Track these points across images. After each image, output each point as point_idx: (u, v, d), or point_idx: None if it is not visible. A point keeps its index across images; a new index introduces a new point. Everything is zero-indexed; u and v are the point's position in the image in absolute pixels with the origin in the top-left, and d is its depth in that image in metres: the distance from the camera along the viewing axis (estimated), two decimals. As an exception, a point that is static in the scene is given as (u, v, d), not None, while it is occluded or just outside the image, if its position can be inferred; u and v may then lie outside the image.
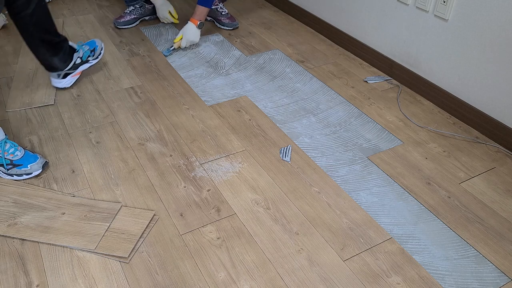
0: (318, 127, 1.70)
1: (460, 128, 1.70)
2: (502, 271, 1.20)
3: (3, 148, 1.41)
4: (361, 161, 1.54)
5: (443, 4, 1.67)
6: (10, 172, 1.42)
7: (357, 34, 2.14)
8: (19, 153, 1.43)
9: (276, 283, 1.15)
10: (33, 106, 1.76)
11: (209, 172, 1.48)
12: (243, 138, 1.63)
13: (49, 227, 1.27)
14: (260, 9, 2.62)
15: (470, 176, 1.49)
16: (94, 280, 1.15)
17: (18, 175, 1.42)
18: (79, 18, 2.45)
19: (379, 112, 1.78)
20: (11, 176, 1.42)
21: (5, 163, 1.41)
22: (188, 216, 1.33)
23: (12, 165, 1.41)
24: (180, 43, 2.12)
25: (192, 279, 1.16)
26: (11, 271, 1.17)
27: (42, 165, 1.44)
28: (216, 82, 1.96)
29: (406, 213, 1.35)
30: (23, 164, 1.42)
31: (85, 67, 1.88)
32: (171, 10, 2.35)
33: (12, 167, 1.41)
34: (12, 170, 1.42)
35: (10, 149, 1.42)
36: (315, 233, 1.29)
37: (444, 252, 1.24)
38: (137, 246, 1.23)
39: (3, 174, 1.43)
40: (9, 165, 1.41)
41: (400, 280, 1.17)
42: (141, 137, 1.62)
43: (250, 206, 1.37)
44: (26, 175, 1.43)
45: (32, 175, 1.43)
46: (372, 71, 2.05)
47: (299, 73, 2.03)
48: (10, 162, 1.41)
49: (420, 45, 1.83)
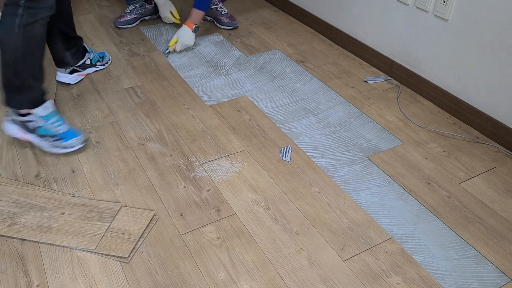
0: (318, 127, 1.70)
1: (460, 128, 1.70)
2: (502, 271, 1.20)
3: (52, 120, 1.48)
4: (361, 161, 1.55)
5: (443, 4, 1.67)
6: (54, 144, 1.48)
7: (357, 34, 2.14)
8: (64, 127, 1.50)
9: (276, 283, 1.15)
10: (33, 106, 1.76)
11: (209, 172, 1.48)
12: (243, 138, 1.63)
13: (49, 227, 1.27)
14: (260, 9, 2.63)
15: (470, 176, 1.49)
16: (94, 280, 1.15)
17: (61, 147, 1.49)
18: (79, 18, 2.44)
19: (379, 112, 1.78)
20: (54, 148, 1.49)
21: (50, 134, 1.48)
22: (188, 216, 1.33)
23: (57, 138, 1.48)
24: (175, 46, 2.12)
25: (192, 279, 1.16)
26: (11, 271, 1.17)
27: (83, 141, 1.53)
28: (216, 82, 1.96)
29: (406, 213, 1.35)
30: (66, 138, 1.49)
31: (92, 70, 1.95)
32: (172, 10, 2.33)
33: (57, 140, 1.48)
34: (56, 142, 1.48)
35: (57, 121, 1.49)
36: (315, 233, 1.29)
37: (444, 252, 1.24)
38: (137, 246, 1.23)
39: (47, 146, 1.49)
40: (54, 138, 1.48)
41: (400, 280, 1.17)
42: (141, 137, 1.63)
43: (250, 206, 1.37)
44: (68, 149, 1.50)
45: (73, 149, 1.51)
46: (372, 71, 2.05)
47: (299, 73, 2.03)
48: (55, 135, 1.48)
49: (420, 45, 1.83)
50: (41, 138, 1.48)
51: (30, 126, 1.46)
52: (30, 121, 1.46)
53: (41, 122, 1.46)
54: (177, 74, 2.00)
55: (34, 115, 1.45)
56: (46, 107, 1.47)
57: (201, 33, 2.35)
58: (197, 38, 2.28)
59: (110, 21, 2.44)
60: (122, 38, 2.28)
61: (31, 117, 1.45)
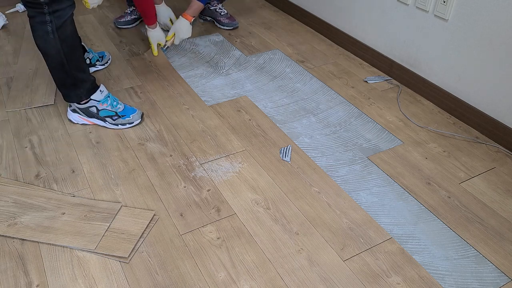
0: (318, 127, 1.70)
1: (460, 128, 1.70)
2: (502, 271, 1.20)
3: (109, 101, 1.62)
4: (361, 161, 1.54)
5: (443, 4, 1.67)
6: (116, 122, 1.62)
7: (357, 34, 2.14)
8: (121, 106, 1.65)
9: (276, 283, 1.15)
10: (33, 106, 1.76)
11: (209, 172, 1.48)
12: (243, 138, 1.63)
13: (49, 227, 1.27)
14: (260, 9, 2.63)
15: (470, 176, 1.49)
16: (94, 280, 1.15)
17: (122, 124, 1.63)
18: (79, 18, 2.44)
19: (379, 112, 1.78)
20: (116, 125, 1.63)
21: (111, 114, 1.62)
22: (188, 216, 1.33)
23: (118, 116, 1.63)
24: (173, 40, 2.10)
25: (192, 279, 1.16)
26: (11, 271, 1.17)
27: (141, 115, 1.68)
28: (216, 82, 1.96)
29: (406, 213, 1.35)
30: (126, 115, 1.64)
31: (91, 70, 1.95)
32: (172, 17, 2.26)
33: (118, 118, 1.63)
34: (117, 120, 1.63)
35: (114, 102, 1.63)
36: (315, 233, 1.29)
37: (444, 252, 1.24)
38: (137, 246, 1.23)
39: (109, 124, 1.64)
40: (115, 116, 1.62)
41: (400, 280, 1.17)
42: (141, 137, 1.62)
43: (250, 206, 1.37)
44: (129, 124, 1.64)
45: (133, 124, 1.65)
46: (372, 71, 2.05)
47: (299, 73, 2.03)
48: (115, 114, 1.62)
49: (420, 45, 1.83)
50: (104, 119, 1.62)
51: (92, 111, 1.61)
52: (90, 106, 1.60)
53: (100, 105, 1.60)
54: (177, 74, 2.00)
55: (93, 101, 1.58)
56: (101, 91, 1.61)
57: (201, 33, 2.35)
58: (197, 38, 2.29)
59: (110, 21, 2.45)
60: (122, 38, 2.28)
61: (91, 103, 1.59)
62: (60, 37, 1.41)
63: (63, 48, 1.43)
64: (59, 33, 1.40)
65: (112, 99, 1.63)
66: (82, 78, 1.54)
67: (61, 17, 1.38)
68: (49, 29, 1.38)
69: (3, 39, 2.23)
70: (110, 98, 1.63)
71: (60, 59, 1.45)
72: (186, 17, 2.05)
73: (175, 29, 2.07)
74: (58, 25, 1.39)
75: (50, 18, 1.36)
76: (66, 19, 1.40)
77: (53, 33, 1.39)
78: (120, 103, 1.65)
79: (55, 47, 1.42)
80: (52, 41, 1.40)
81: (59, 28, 1.39)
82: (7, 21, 2.36)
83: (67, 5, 1.39)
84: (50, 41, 1.40)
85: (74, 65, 1.49)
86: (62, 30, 1.41)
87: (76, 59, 1.50)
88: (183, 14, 2.05)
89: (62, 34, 1.41)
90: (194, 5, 2.04)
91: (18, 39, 2.22)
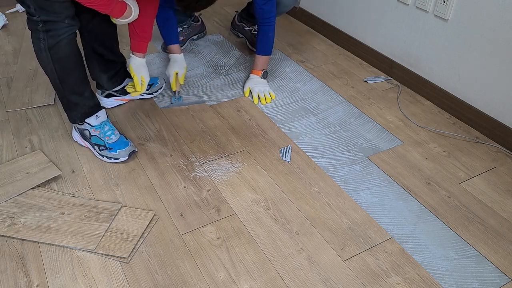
0: (318, 127, 1.70)
1: (460, 128, 1.70)
2: (502, 271, 1.20)
3: (102, 129, 1.50)
4: (361, 161, 1.54)
5: (443, 4, 1.67)
6: (102, 153, 1.50)
7: (357, 34, 2.14)
8: (114, 137, 1.51)
9: (276, 283, 1.15)
10: (33, 106, 1.76)
11: (209, 172, 1.48)
12: (243, 138, 1.63)
13: (49, 227, 1.27)
14: (260, 9, 2.62)
15: (470, 176, 1.49)
16: (94, 280, 1.15)
17: (108, 157, 1.50)
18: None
19: (379, 112, 1.78)
20: (102, 157, 1.51)
21: (100, 143, 1.50)
22: (188, 216, 1.33)
23: (105, 148, 1.50)
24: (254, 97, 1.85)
25: (192, 279, 1.16)
26: (11, 271, 1.17)
27: (129, 153, 1.50)
28: (216, 82, 1.96)
29: (406, 213, 1.35)
30: (114, 149, 1.49)
31: (135, 97, 1.79)
32: (179, 72, 1.83)
33: (105, 149, 1.50)
34: (104, 151, 1.50)
35: (108, 131, 1.51)
36: (315, 233, 1.29)
37: (444, 252, 1.24)
38: (137, 246, 1.23)
39: (96, 154, 1.53)
40: (103, 147, 1.50)
41: (400, 280, 1.17)
42: (141, 137, 1.62)
43: (250, 206, 1.37)
44: (114, 159, 1.50)
45: (118, 161, 1.50)
46: (372, 71, 2.05)
47: (299, 73, 2.03)
48: (103, 144, 1.50)
49: (420, 45, 1.83)
50: (93, 146, 1.52)
51: (86, 134, 1.53)
52: (85, 129, 1.52)
53: (93, 131, 1.51)
54: (177, 74, 2.00)
55: (87, 124, 1.51)
56: (97, 117, 1.51)
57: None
58: (197, 38, 2.28)
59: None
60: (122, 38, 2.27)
61: (85, 126, 1.52)
62: (52, 56, 1.34)
63: (56, 68, 1.37)
64: (51, 53, 1.34)
65: (109, 127, 1.51)
66: (76, 102, 1.46)
67: (54, 37, 1.31)
68: (42, 46, 1.33)
69: (3, 39, 2.23)
70: (106, 126, 1.51)
71: (54, 78, 1.39)
72: (256, 73, 1.89)
73: (249, 84, 1.88)
74: (51, 45, 1.32)
75: (43, 36, 1.31)
76: (60, 39, 1.32)
77: (45, 51, 1.33)
78: (115, 134, 1.51)
79: (48, 65, 1.36)
80: (45, 58, 1.35)
81: (52, 48, 1.33)
82: (7, 21, 2.36)
83: (63, 26, 1.31)
84: (43, 58, 1.35)
85: (69, 87, 1.42)
86: (56, 50, 1.34)
87: (72, 82, 1.42)
88: (252, 71, 1.90)
89: (55, 54, 1.34)
90: (259, 60, 1.88)
91: (18, 39, 2.22)
